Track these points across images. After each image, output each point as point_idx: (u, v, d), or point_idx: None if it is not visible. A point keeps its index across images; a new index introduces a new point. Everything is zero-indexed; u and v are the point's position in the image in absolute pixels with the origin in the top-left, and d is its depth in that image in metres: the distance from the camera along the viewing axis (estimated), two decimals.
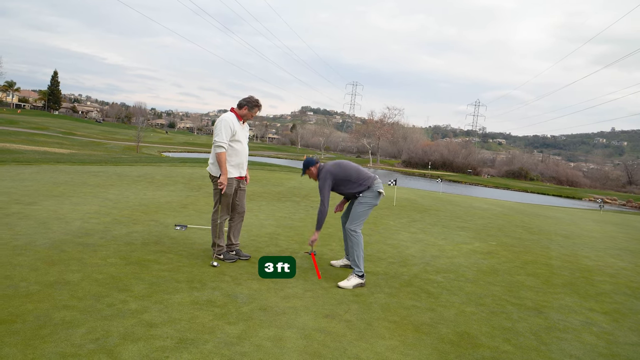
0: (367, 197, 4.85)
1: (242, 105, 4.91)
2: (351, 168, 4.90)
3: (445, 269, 5.62)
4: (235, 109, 4.91)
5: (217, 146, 4.63)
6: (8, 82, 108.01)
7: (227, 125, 4.69)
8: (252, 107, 4.93)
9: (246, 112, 4.91)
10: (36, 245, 4.66)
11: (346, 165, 4.93)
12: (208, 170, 4.88)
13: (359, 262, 4.60)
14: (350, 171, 4.87)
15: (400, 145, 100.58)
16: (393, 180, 11.89)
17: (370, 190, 4.87)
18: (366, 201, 4.85)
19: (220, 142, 4.62)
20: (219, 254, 4.88)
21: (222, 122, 4.70)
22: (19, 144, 28.86)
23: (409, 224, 8.89)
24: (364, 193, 4.85)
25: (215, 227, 4.84)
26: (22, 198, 7.27)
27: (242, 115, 4.91)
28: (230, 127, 4.71)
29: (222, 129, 4.66)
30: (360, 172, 4.91)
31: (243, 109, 4.90)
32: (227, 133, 4.67)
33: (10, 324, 2.89)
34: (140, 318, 3.19)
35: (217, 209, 4.82)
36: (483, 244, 7.60)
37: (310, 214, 8.71)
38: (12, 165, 13.23)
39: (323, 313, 3.70)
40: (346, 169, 4.88)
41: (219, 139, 4.63)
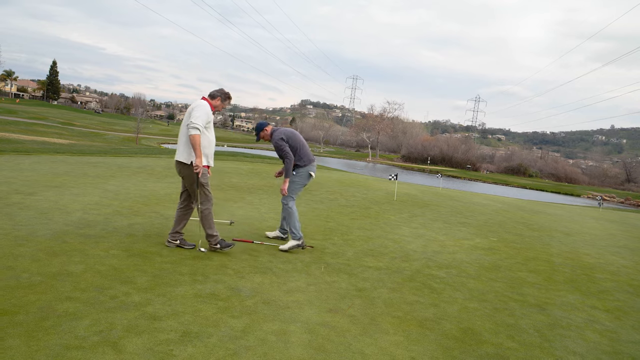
0: (299, 176, 5.49)
1: (215, 96, 4.85)
2: (299, 141, 5.48)
3: (447, 264, 5.61)
4: (208, 99, 4.79)
5: (193, 127, 4.43)
6: (7, 71, 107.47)
7: (206, 111, 4.59)
8: (224, 99, 4.90)
9: (219, 103, 4.86)
10: (37, 236, 4.64)
11: (296, 136, 5.50)
12: (178, 158, 4.63)
13: (295, 230, 5.33)
14: (298, 143, 5.45)
15: (399, 139, 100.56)
16: (394, 174, 11.87)
17: (304, 169, 5.49)
18: (298, 180, 5.48)
19: (197, 124, 4.45)
20: (216, 243, 4.80)
21: (201, 107, 4.57)
22: (18, 134, 28.73)
23: (409, 219, 8.88)
24: (298, 170, 5.46)
25: (207, 218, 4.72)
26: (22, 188, 7.23)
27: (215, 106, 4.84)
28: (208, 114, 4.62)
29: (201, 112, 4.54)
30: (305, 148, 5.53)
31: (216, 99, 4.85)
32: (204, 119, 4.54)
33: (13, 315, 2.87)
34: (144, 311, 3.18)
35: (202, 198, 4.67)
36: (484, 240, 7.59)
37: (311, 208, 8.69)
38: (12, 155, 13.17)
39: (326, 307, 3.69)
40: (295, 139, 5.45)
41: (195, 120, 4.46)
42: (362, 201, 10.48)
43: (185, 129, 4.57)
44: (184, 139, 4.62)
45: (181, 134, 4.67)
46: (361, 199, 10.87)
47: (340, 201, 10.08)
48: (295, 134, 5.53)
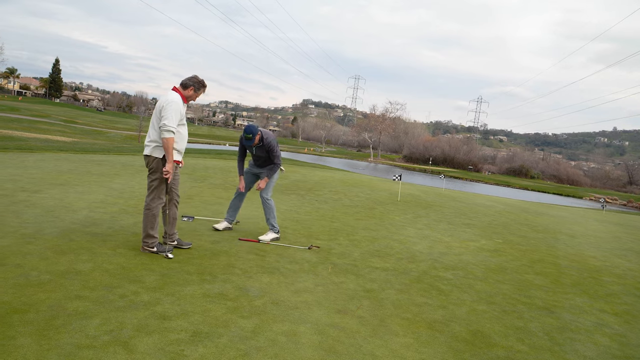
0: (277, 173, 5.91)
1: (187, 86, 4.53)
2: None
3: (453, 266, 5.59)
4: (179, 89, 4.51)
5: (166, 130, 4.24)
6: (9, 68, 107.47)
7: (177, 109, 4.34)
8: (198, 88, 4.58)
9: (192, 94, 4.55)
10: (45, 234, 4.63)
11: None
12: (147, 152, 4.44)
13: (274, 222, 5.71)
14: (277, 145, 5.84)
15: (401, 140, 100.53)
16: (398, 175, 11.85)
17: (280, 166, 5.87)
18: (276, 177, 5.91)
19: (170, 127, 4.25)
20: (152, 246, 4.48)
21: (172, 105, 4.31)
22: (21, 131, 28.78)
23: (414, 219, 8.86)
24: (276, 169, 5.82)
25: (152, 217, 4.46)
26: (28, 186, 7.23)
27: (187, 96, 4.54)
28: (180, 111, 4.39)
29: (172, 112, 4.28)
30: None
31: (189, 89, 4.53)
32: (176, 117, 4.32)
33: (23, 313, 2.86)
34: (153, 310, 3.17)
35: (154, 196, 4.48)
36: (489, 241, 7.57)
37: (315, 208, 8.68)
38: (15, 152, 13.18)
39: (335, 308, 3.68)
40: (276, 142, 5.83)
41: (168, 122, 4.24)
42: (366, 201, 10.47)
43: (156, 124, 4.37)
44: (153, 135, 4.40)
45: (151, 129, 4.44)
46: (365, 199, 10.86)
47: (345, 201, 10.07)
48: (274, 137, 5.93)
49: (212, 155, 19.04)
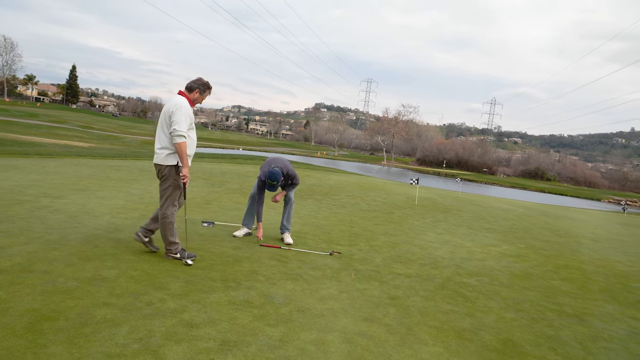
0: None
1: (193, 89, 4.44)
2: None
3: (477, 272, 5.50)
4: (185, 93, 4.43)
5: (177, 135, 4.17)
6: (28, 75, 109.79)
7: (187, 113, 4.27)
8: (203, 90, 4.49)
9: (197, 96, 4.47)
10: (69, 240, 4.66)
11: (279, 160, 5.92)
12: (158, 161, 4.36)
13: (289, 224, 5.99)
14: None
15: (414, 143, 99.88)
16: (415, 179, 11.76)
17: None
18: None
19: (182, 132, 4.18)
20: (175, 252, 4.47)
21: (182, 110, 4.23)
22: (40, 137, 29.24)
23: (433, 224, 8.76)
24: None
25: (169, 225, 4.41)
26: (50, 191, 7.31)
27: (194, 99, 4.45)
28: (189, 116, 4.31)
29: (182, 117, 4.20)
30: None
31: (194, 92, 4.45)
32: (186, 121, 4.25)
33: (53, 320, 2.87)
34: (181, 318, 3.15)
35: (168, 204, 4.39)
36: (511, 246, 7.44)
37: (333, 212, 8.64)
38: (36, 157, 13.38)
39: (362, 316, 3.62)
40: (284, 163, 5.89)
41: (179, 127, 4.16)
42: (384, 206, 10.39)
43: (165, 129, 4.30)
44: (163, 141, 4.33)
45: (161, 135, 4.36)
46: (382, 203, 10.78)
47: (362, 206, 10.00)
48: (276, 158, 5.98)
49: (227, 160, 19.13)
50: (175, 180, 4.38)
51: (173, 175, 4.35)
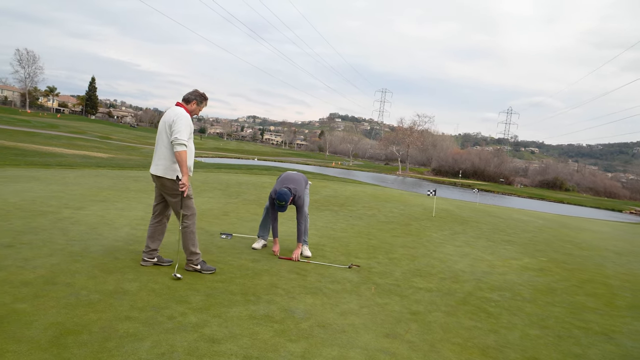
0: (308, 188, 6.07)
1: (190, 100, 4.47)
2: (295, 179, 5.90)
3: (499, 286, 5.39)
4: (183, 104, 4.45)
5: (178, 144, 4.17)
6: (49, 87, 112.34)
7: (188, 123, 4.29)
8: (200, 101, 4.52)
9: (195, 107, 4.49)
10: (91, 252, 4.70)
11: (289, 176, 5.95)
12: (158, 173, 4.35)
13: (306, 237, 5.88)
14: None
15: (429, 153, 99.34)
16: (432, 190, 11.65)
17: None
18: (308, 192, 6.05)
19: (183, 140, 4.18)
20: (196, 263, 4.48)
21: (183, 119, 4.25)
22: (61, 148, 29.81)
23: (452, 236, 8.65)
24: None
25: (190, 234, 4.45)
26: (71, 202, 7.42)
27: (191, 110, 4.47)
28: (190, 125, 4.33)
29: (183, 126, 4.22)
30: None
31: (192, 103, 4.47)
32: (187, 131, 4.26)
33: (77, 334, 2.88)
34: (202, 332, 3.14)
35: (183, 212, 4.40)
36: (533, 259, 7.30)
37: (350, 224, 8.59)
38: (57, 168, 13.64)
39: (383, 332, 3.57)
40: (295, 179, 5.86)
41: (180, 136, 4.17)
42: (401, 217, 10.31)
43: (165, 139, 4.29)
44: (164, 152, 4.33)
45: (161, 146, 4.36)
46: (399, 215, 10.70)
47: (379, 217, 9.94)
48: (288, 176, 5.94)
49: (243, 171, 19.25)
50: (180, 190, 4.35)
51: (177, 186, 4.34)
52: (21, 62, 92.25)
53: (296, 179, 5.83)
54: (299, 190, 5.63)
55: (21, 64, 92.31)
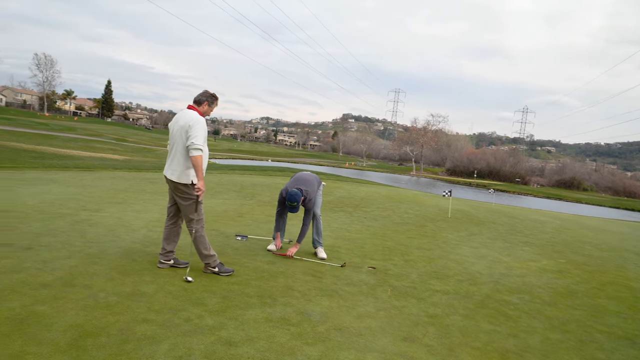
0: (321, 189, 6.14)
1: (201, 102, 4.45)
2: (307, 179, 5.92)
3: (517, 289, 5.30)
4: (195, 106, 4.44)
5: (194, 149, 4.17)
6: (67, 90, 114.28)
7: (203, 127, 4.28)
8: (212, 101, 4.51)
9: (207, 108, 4.48)
10: (108, 254, 4.75)
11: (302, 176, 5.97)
12: (173, 178, 4.34)
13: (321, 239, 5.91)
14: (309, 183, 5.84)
15: (444, 153, 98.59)
16: (448, 191, 11.54)
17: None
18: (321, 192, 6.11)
19: (199, 145, 4.18)
20: (214, 266, 4.48)
21: (199, 124, 4.24)
22: (78, 150, 30.30)
23: (468, 237, 8.55)
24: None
25: (201, 238, 4.45)
26: (89, 205, 7.51)
27: (204, 112, 4.45)
28: (205, 129, 4.32)
29: (199, 130, 4.22)
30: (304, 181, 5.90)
31: (203, 105, 4.45)
32: (203, 135, 4.26)
33: (96, 337, 2.90)
34: (219, 335, 3.14)
35: (193, 217, 4.39)
36: (551, 261, 7.17)
37: (365, 225, 8.55)
38: (75, 171, 13.85)
39: (400, 335, 3.53)
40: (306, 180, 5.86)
41: (197, 140, 4.18)
42: (416, 218, 10.22)
43: (181, 144, 4.29)
44: (179, 157, 4.32)
45: (176, 151, 4.35)
46: (414, 215, 10.62)
47: (394, 218, 9.87)
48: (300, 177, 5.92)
49: (257, 172, 19.32)
50: (194, 195, 4.38)
51: (191, 190, 4.36)
52: (39, 66, 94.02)
53: (309, 180, 5.82)
54: (310, 193, 5.61)
55: (39, 68, 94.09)
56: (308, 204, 5.60)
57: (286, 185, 5.69)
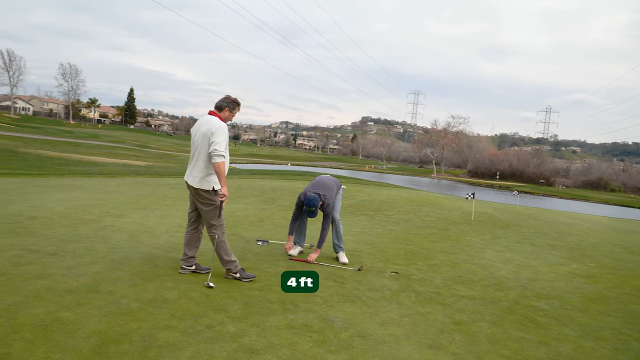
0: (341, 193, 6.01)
1: (222, 108, 4.44)
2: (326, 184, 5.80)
3: (546, 294, 5.13)
4: (216, 112, 4.44)
5: (218, 155, 4.18)
6: (91, 99, 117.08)
7: (226, 133, 4.29)
8: (233, 107, 4.48)
9: (228, 114, 4.46)
10: (131, 260, 4.77)
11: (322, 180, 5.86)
12: (194, 184, 4.34)
13: (342, 243, 5.85)
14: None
15: (465, 154, 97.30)
16: (471, 193, 11.33)
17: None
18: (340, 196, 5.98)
19: (221, 151, 4.19)
20: (235, 271, 4.48)
21: (221, 130, 4.24)
22: (102, 157, 30.92)
23: (492, 241, 8.36)
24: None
25: (222, 244, 4.44)
26: (112, 210, 7.61)
27: (225, 117, 4.44)
28: (227, 136, 4.34)
29: (222, 137, 4.23)
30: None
31: (224, 110, 4.44)
32: (225, 142, 4.26)
33: (118, 344, 2.90)
34: (241, 342, 3.10)
35: (213, 223, 4.42)
36: (581, 265, 6.94)
37: (387, 229, 8.44)
38: (99, 177, 14.10)
39: (426, 343, 3.43)
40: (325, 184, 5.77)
41: (219, 147, 4.18)
42: (439, 221, 10.06)
43: (204, 151, 4.29)
44: (200, 163, 4.32)
45: (198, 157, 4.35)
46: (436, 219, 10.45)
47: (416, 222, 9.73)
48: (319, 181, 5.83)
49: (277, 177, 19.35)
50: (216, 201, 4.39)
51: (213, 197, 4.37)
52: (65, 76, 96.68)
53: (328, 184, 5.75)
54: (329, 198, 5.55)
55: (64, 77, 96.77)
56: (327, 209, 5.55)
57: (305, 189, 5.65)
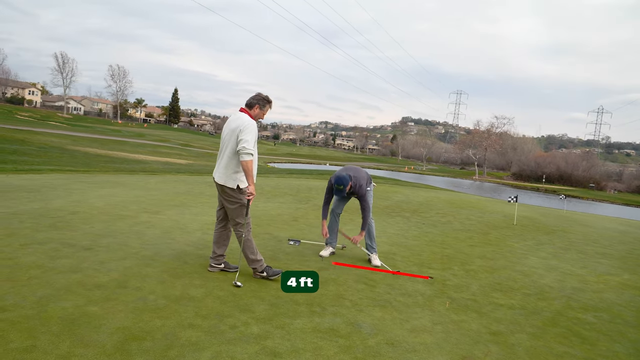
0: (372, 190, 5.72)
1: (252, 105, 4.37)
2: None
3: (594, 306, 4.78)
4: (247, 110, 4.38)
5: (246, 153, 4.12)
6: (138, 99, 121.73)
7: (254, 131, 4.22)
8: (263, 105, 4.41)
9: (258, 112, 4.39)
10: (162, 256, 4.80)
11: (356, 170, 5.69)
12: (221, 181, 4.32)
13: (374, 244, 5.68)
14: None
15: (509, 156, 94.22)
16: (514, 196, 10.85)
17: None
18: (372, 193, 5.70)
19: (250, 150, 4.14)
20: (262, 270, 4.42)
21: (250, 127, 4.18)
22: (146, 155, 31.96)
23: (536, 247, 7.94)
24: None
25: (248, 242, 4.39)
26: (150, 207, 7.75)
27: (255, 115, 4.37)
28: (256, 134, 4.27)
29: (250, 135, 4.16)
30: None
31: (255, 108, 4.37)
32: (253, 139, 4.19)
33: (141, 340, 2.87)
34: (264, 345, 3.01)
35: (239, 221, 4.36)
36: (634, 275, 6.46)
37: (423, 232, 8.18)
38: (141, 175, 14.51)
39: (459, 354, 3.23)
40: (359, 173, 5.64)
41: (248, 145, 4.12)
42: (479, 225, 9.68)
43: (231, 148, 4.24)
44: (227, 160, 4.29)
45: (225, 154, 4.32)
46: (477, 222, 10.06)
47: (455, 225, 9.40)
48: (350, 166, 5.74)
49: (314, 176, 19.32)
50: (241, 199, 4.34)
51: (238, 194, 4.33)
52: (113, 77, 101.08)
53: (358, 170, 5.67)
54: (359, 179, 5.45)
55: (113, 78, 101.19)
56: (360, 191, 5.45)
57: (335, 173, 5.54)
